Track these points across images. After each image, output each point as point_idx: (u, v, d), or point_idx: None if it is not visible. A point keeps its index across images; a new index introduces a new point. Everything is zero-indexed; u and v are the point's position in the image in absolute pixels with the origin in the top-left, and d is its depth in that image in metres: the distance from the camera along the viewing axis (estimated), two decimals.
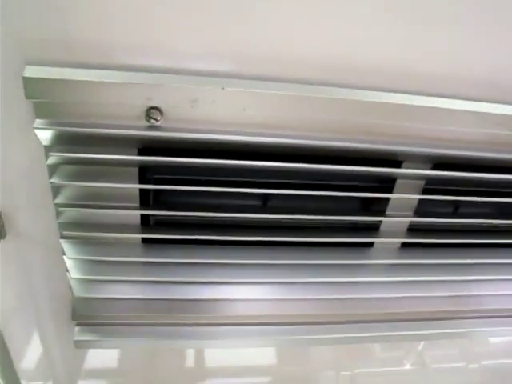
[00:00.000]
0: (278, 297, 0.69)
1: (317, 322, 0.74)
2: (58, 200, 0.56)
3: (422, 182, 0.62)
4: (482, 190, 0.63)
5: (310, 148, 0.55)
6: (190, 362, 0.86)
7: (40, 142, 0.51)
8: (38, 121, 0.49)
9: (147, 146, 0.54)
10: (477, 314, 0.78)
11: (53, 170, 0.54)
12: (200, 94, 0.48)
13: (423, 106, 0.53)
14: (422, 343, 0.91)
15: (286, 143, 0.53)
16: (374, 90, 0.52)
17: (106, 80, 0.46)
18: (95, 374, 0.85)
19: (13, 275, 0.62)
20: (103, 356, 0.82)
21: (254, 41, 0.46)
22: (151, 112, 0.50)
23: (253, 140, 0.52)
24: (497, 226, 0.67)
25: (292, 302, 0.70)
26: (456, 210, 0.67)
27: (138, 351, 0.82)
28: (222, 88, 0.48)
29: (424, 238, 0.64)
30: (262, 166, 0.54)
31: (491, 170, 0.59)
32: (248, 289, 0.68)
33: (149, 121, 0.50)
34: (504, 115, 0.55)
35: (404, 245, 0.68)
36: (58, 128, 0.49)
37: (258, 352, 0.87)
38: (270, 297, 0.69)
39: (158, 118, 0.50)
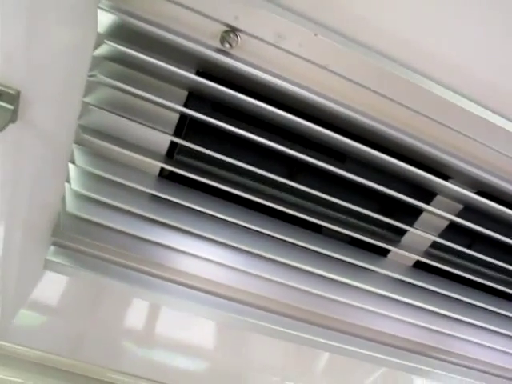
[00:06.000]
0: (256, 272, 0.62)
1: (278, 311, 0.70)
2: (88, 99, 0.50)
3: (460, 207, 0.60)
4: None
5: (367, 129, 0.52)
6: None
7: (94, 29, 0.45)
8: (104, 0, 0.43)
9: (207, 72, 0.49)
10: (452, 359, 0.76)
11: (96, 63, 0.49)
12: (291, 31, 0.44)
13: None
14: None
15: (347, 116, 0.50)
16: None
17: None
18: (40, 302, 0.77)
19: (4, 169, 0.55)
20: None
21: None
22: (229, 35, 0.45)
23: (318, 101, 0.49)
24: None
25: (266, 282, 0.65)
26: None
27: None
28: (315, 34, 0.44)
29: (440, 264, 0.61)
30: (314, 129, 0.50)
31: None
32: (232, 254, 0.62)
33: (222, 43, 0.46)
34: None
35: (416, 265, 0.65)
36: (123, 16, 0.43)
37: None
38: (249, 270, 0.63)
39: (233, 45, 0.45)
